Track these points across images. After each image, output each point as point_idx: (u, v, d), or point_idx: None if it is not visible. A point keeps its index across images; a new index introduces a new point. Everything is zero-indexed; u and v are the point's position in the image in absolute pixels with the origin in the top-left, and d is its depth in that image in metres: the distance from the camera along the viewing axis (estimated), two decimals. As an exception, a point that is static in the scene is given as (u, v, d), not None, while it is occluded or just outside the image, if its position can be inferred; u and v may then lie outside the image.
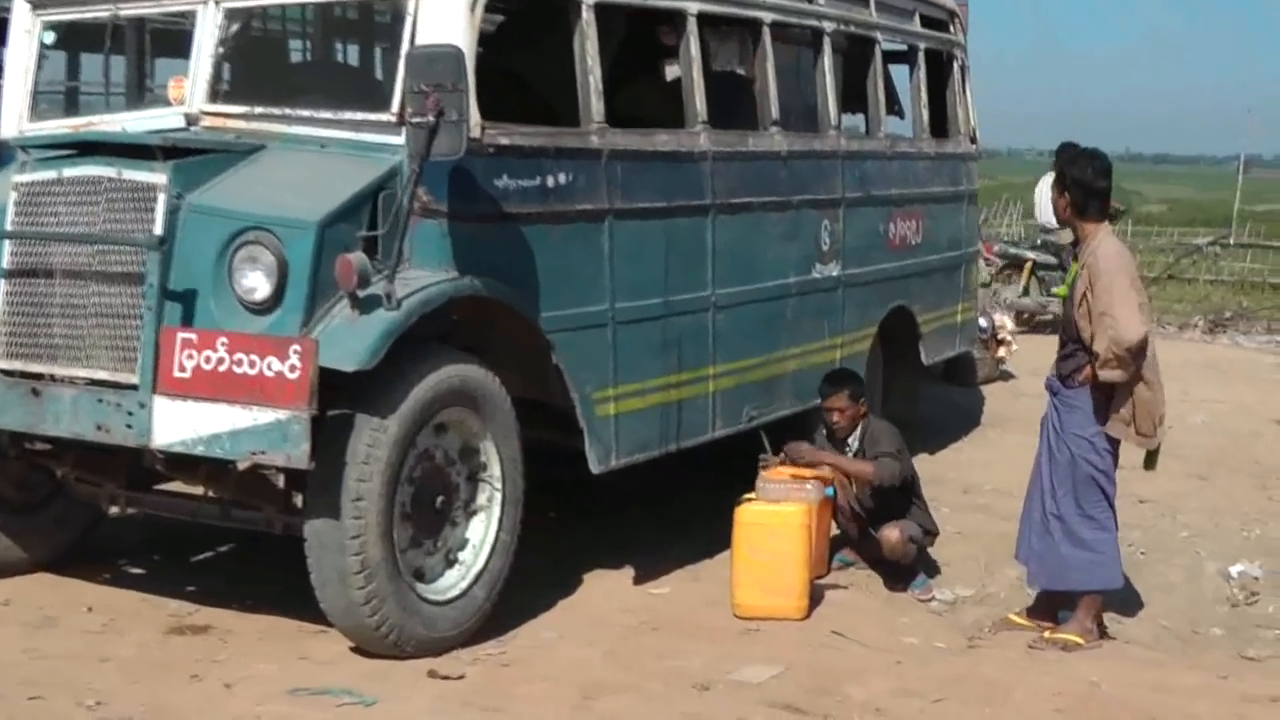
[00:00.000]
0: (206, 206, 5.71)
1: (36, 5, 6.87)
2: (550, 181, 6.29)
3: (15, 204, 6.00)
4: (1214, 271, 23.60)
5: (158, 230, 5.64)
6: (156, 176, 5.72)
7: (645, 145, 6.87)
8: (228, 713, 5.31)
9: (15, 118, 6.89)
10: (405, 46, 5.93)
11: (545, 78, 7.21)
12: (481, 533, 6.15)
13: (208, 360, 5.44)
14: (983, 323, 12.19)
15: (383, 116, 5.99)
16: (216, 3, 6.33)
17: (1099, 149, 6.43)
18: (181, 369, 5.47)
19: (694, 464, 7.72)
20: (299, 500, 5.89)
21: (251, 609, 6.33)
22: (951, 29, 10.24)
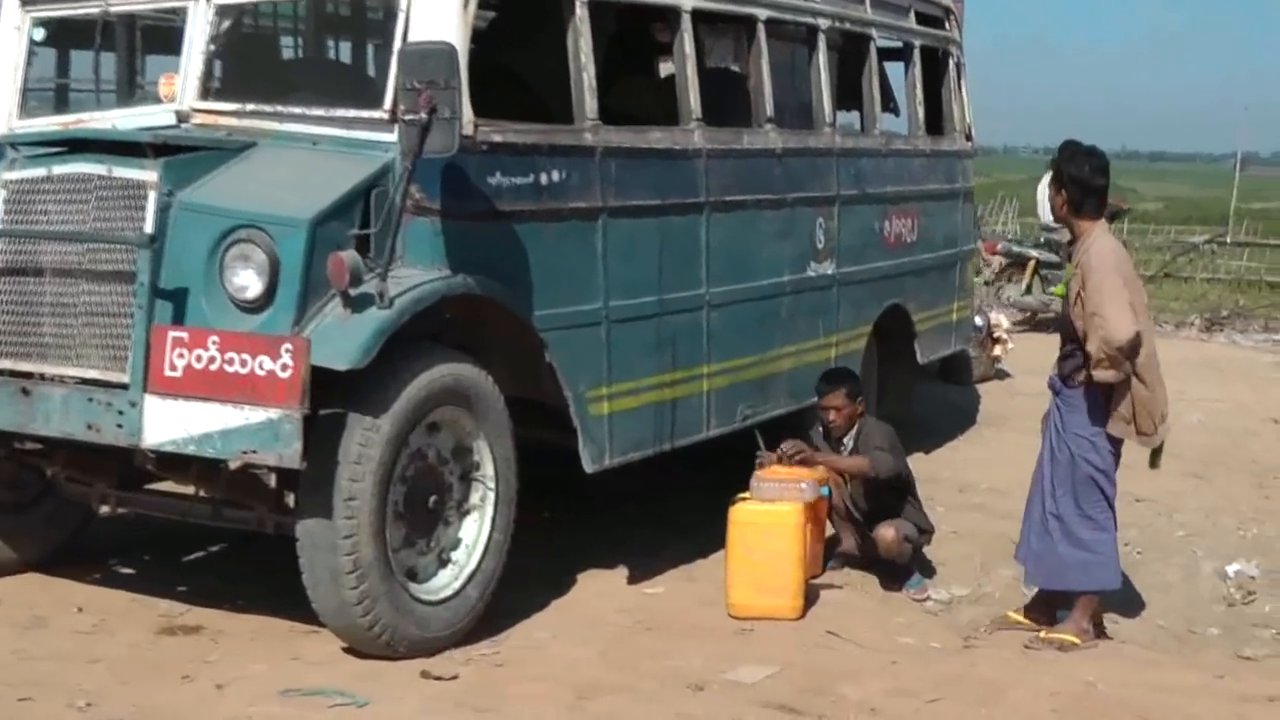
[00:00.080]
0: (198, 204, 5.68)
1: (26, 1, 6.85)
2: (544, 179, 6.27)
3: (4, 202, 5.97)
4: (1211, 270, 23.57)
5: (148, 228, 5.61)
6: (147, 174, 5.69)
7: (639, 142, 6.85)
8: (219, 713, 5.29)
9: (5, 115, 6.86)
10: (398, 43, 5.90)
11: (539, 74, 7.19)
12: (475, 532, 6.13)
13: (199, 359, 5.41)
14: (978, 321, 12.18)
15: (375, 114, 5.97)
16: (208, -1, 6.30)
17: (1096, 147, 6.41)
18: (172, 368, 5.45)
19: (691, 463, 7.70)
20: (291, 500, 5.84)
21: (243, 609, 6.31)
22: (947, 26, 10.23)
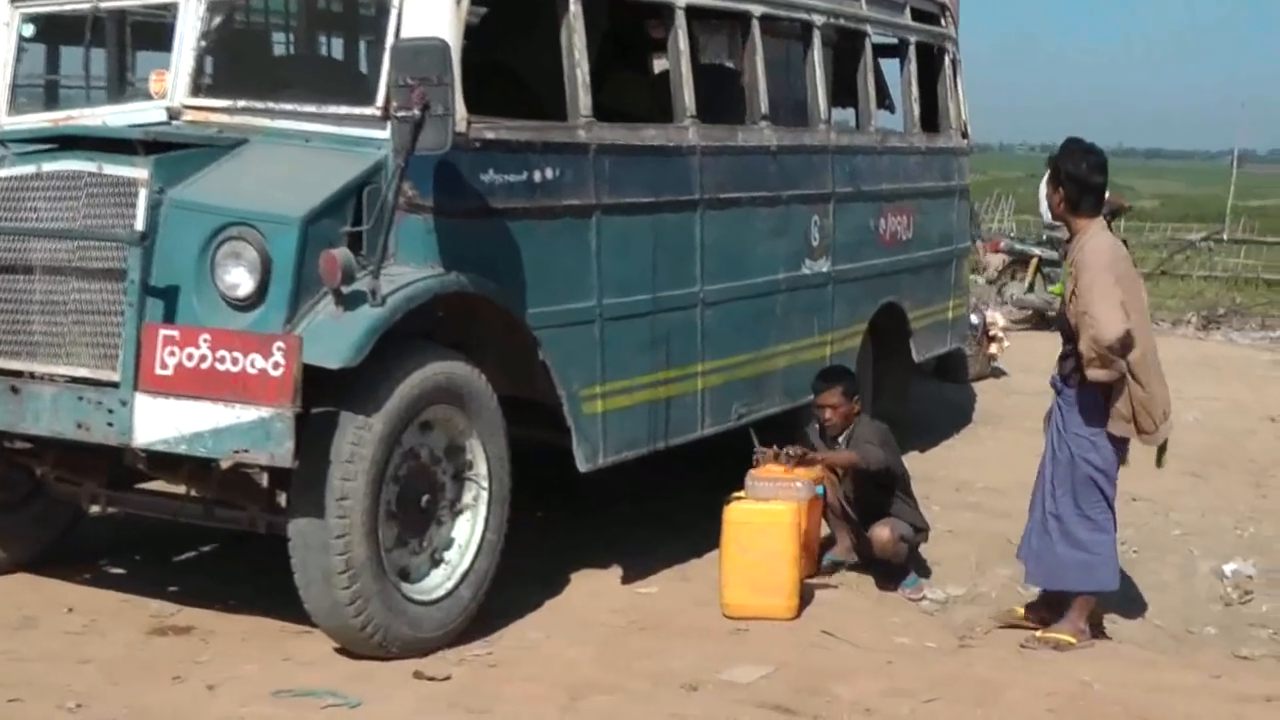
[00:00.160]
0: (189, 202, 5.64)
1: (15, -3, 6.81)
2: (537, 176, 6.24)
3: (-6, 199, 5.93)
4: (1207, 267, 23.58)
5: (139, 226, 5.57)
6: (138, 171, 5.65)
7: (633, 139, 6.83)
8: (210, 714, 5.26)
9: (-6, 112, 6.83)
10: (390, 39, 5.87)
11: (532, 71, 7.17)
12: (467, 532, 6.11)
13: (190, 357, 5.37)
14: (974, 319, 12.15)
15: (367, 110, 5.93)
16: (199, -5, 6.26)
17: (1095, 145, 6.38)
18: (163, 366, 5.41)
19: (686, 462, 7.67)
20: (283, 499, 5.82)
21: (234, 609, 6.28)
22: (942, 22, 10.21)
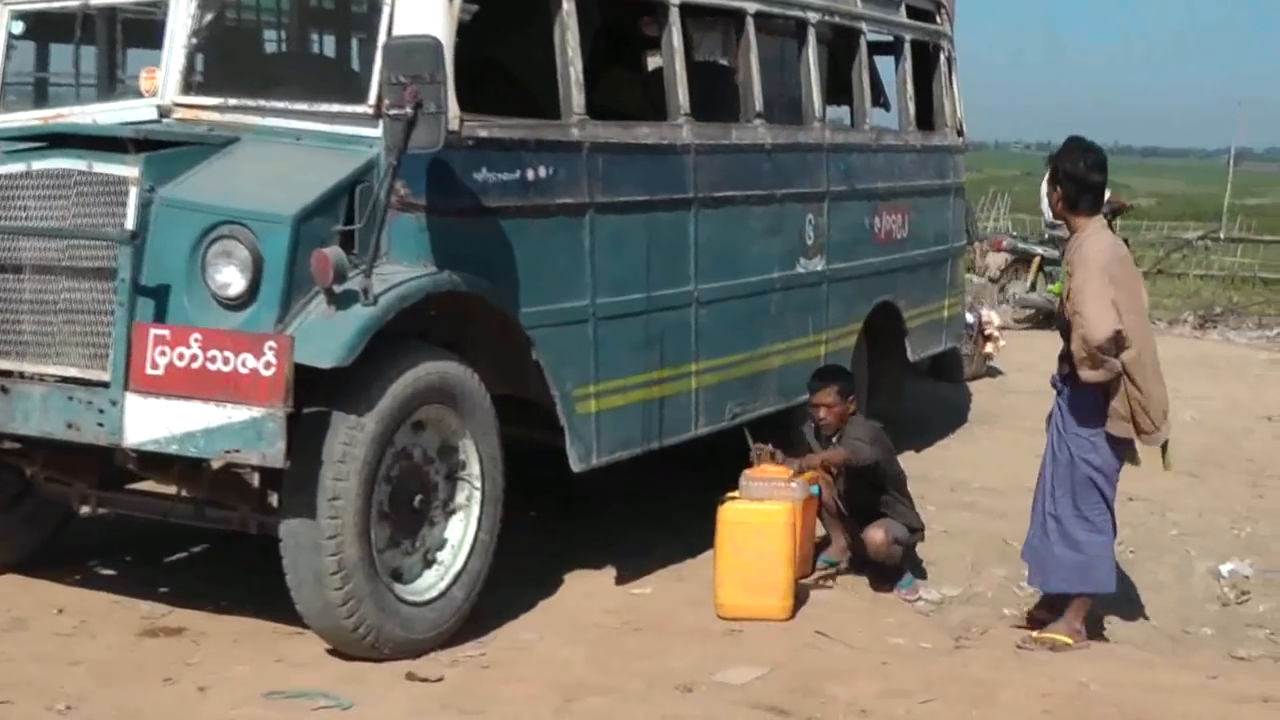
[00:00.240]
0: (179, 200, 5.61)
1: (4, -5, 6.78)
2: (530, 174, 6.21)
3: (-17, 197, 5.89)
4: (1204, 266, 23.58)
5: (129, 224, 5.55)
6: (128, 169, 5.62)
7: (627, 138, 6.80)
8: (201, 716, 5.24)
9: (-17, 109, 6.79)
10: (382, 37, 5.84)
11: (525, 69, 7.14)
12: (460, 532, 6.08)
13: (181, 357, 5.35)
14: (969, 318, 12.13)
15: (359, 108, 5.90)
16: (189, -9, 6.23)
17: (1095, 143, 6.36)
18: (154, 366, 5.39)
19: (684, 463, 7.64)
20: (274, 500, 5.79)
21: (226, 610, 6.25)
22: (938, 20, 10.18)
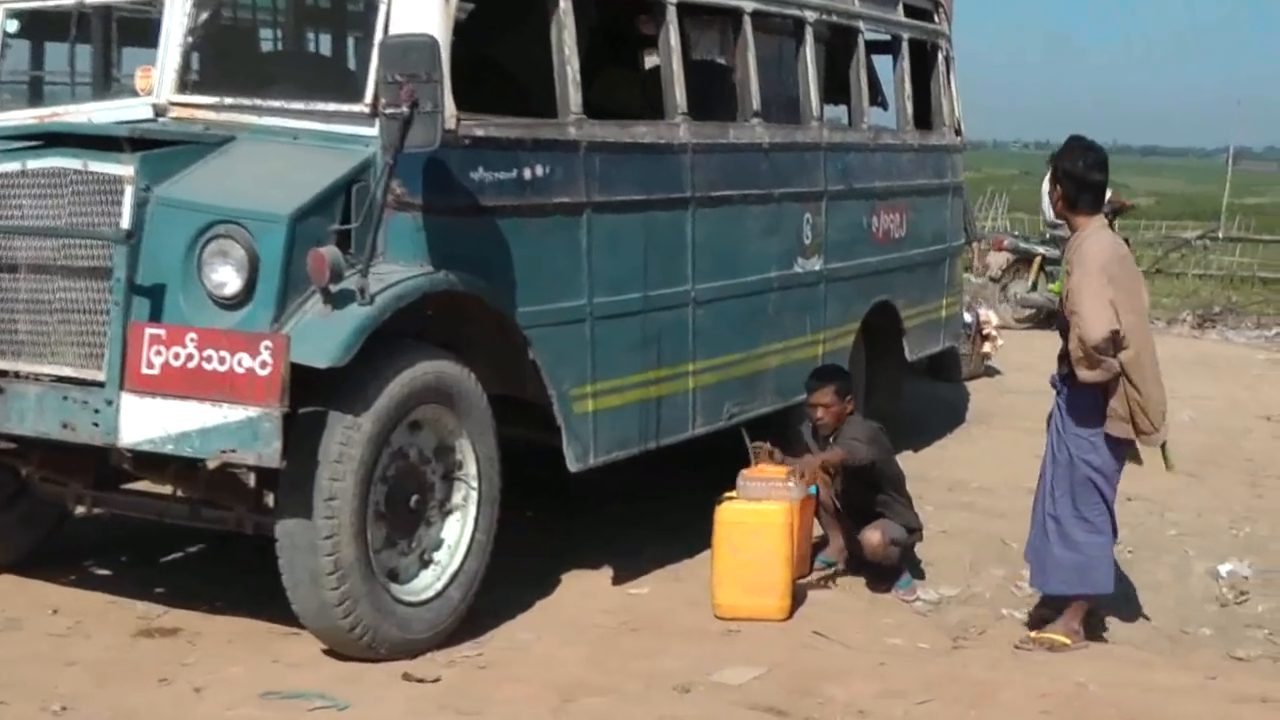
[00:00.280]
0: (175, 199, 5.60)
1: (-1, -6, 6.77)
2: (527, 174, 6.20)
3: (-21, 197, 5.87)
4: (1203, 265, 23.53)
5: (125, 224, 5.53)
6: (124, 168, 5.60)
7: (624, 137, 6.78)
8: (197, 717, 5.23)
9: (-21, 108, 6.78)
10: (379, 36, 5.82)
11: (522, 67, 7.12)
12: (457, 532, 6.07)
13: (176, 357, 5.34)
14: (967, 318, 12.11)
15: (356, 107, 5.88)
16: (185, -10, 6.21)
17: (1095, 142, 6.35)
18: (149, 365, 5.37)
19: (681, 463, 7.63)
20: (270, 500, 5.78)
21: (221, 611, 6.24)
22: (936, 18, 10.16)
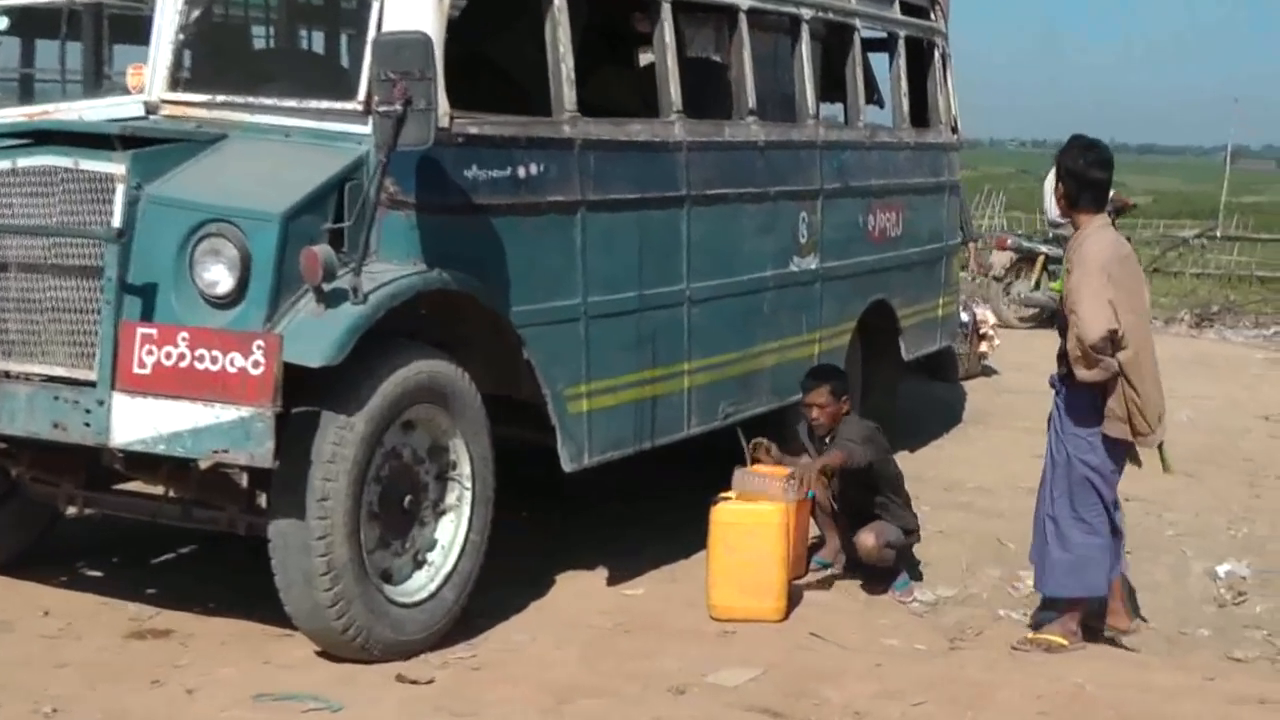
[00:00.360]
0: (167, 198, 5.58)
1: (-11, -10, 6.74)
2: (521, 172, 6.18)
3: (-32, 195, 5.85)
4: (1201, 264, 23.50)
5: (116, 222, 5.51)
6: (115, 167, 5.58)
7: (619, 135, 6.76)
8: (189, 719, 5.19)
9: (-32, 106, 6.75)
10: (372, 33, 5.79)
11: (516, 65, 7.10)
12: (451, 533, 6.05)
13: (168, 356, 5.32)
14: (964, 317, 12.10)
15: (349, 105, 5.86)
16: (177, -14, 6.19)
17: (1099, 141, 6.31)
18: (141, 365, 5.35)
19: (677, 463, 7.60)
20: (263, 500, 5.76)
21: (214, 612, 6.22)
22: (932, 16, 10.13)
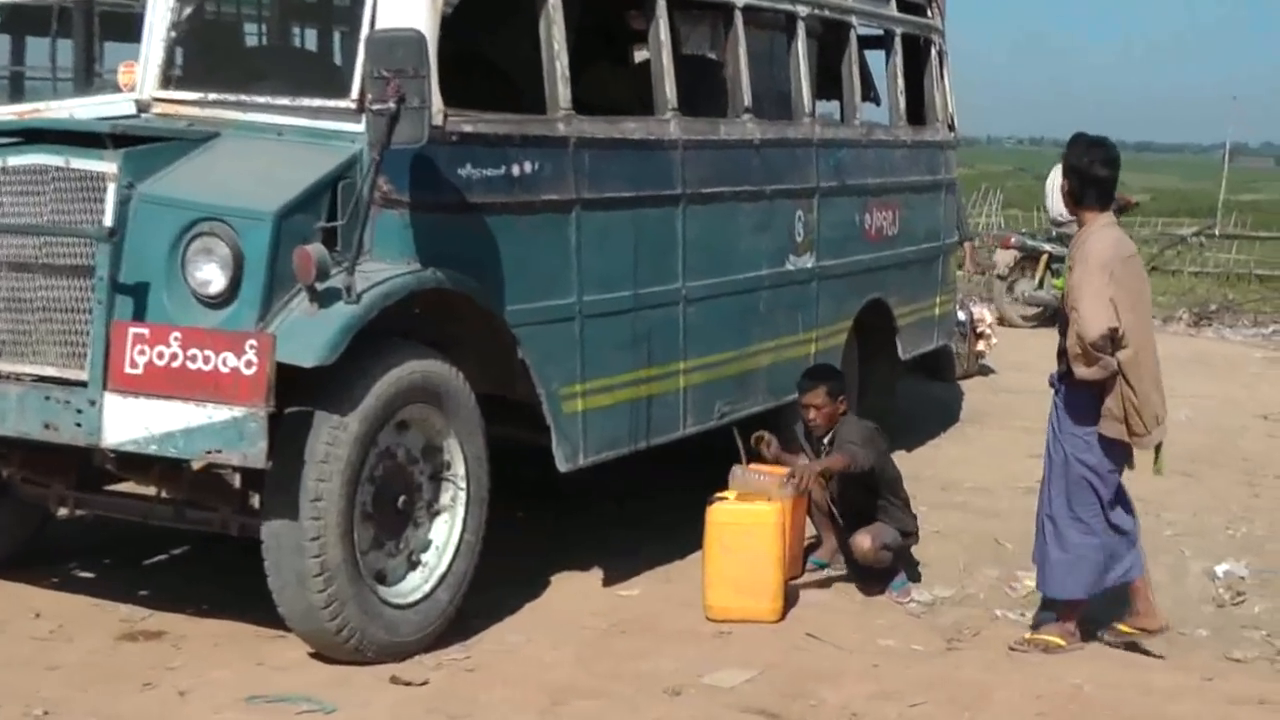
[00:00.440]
0: (158, 196, 5.56)
1: (-21, -12, 6.73)
2: (515, 170, 6.15)
3: (-41, 194, 5.82)
4: (1199, 263, 23.48)
5: (108, 221, 5.49)
6: (106, 165, 5.56)
7: (614, 133, 6.74)
8: (181, 721, 5.19)
9: (-41, 105, 6.72)
10: (365, 30, 5.77)
11: (510, 63, 7.08)
12: (445, 534, 6.03)
13: (160, 356, 5.30)
14: (961, 316, 12.07)
15: (342, 103, 5.84)
16: (169, -16, 6.16)
17: (1106, 139, 6.27)
18: (133, 365, 5.33)
19: (673, 463, 7.58)
20: (256, 501, 5.74)
21: (206, 613, 6.19)
22: (929, 13, 10.11)
